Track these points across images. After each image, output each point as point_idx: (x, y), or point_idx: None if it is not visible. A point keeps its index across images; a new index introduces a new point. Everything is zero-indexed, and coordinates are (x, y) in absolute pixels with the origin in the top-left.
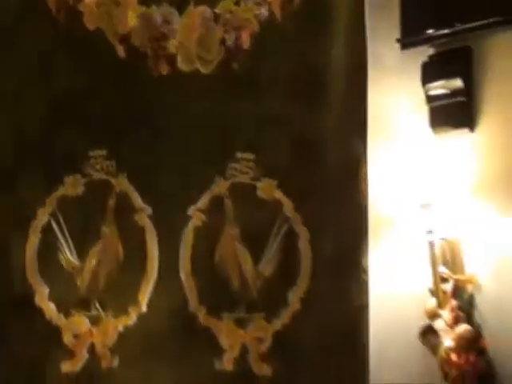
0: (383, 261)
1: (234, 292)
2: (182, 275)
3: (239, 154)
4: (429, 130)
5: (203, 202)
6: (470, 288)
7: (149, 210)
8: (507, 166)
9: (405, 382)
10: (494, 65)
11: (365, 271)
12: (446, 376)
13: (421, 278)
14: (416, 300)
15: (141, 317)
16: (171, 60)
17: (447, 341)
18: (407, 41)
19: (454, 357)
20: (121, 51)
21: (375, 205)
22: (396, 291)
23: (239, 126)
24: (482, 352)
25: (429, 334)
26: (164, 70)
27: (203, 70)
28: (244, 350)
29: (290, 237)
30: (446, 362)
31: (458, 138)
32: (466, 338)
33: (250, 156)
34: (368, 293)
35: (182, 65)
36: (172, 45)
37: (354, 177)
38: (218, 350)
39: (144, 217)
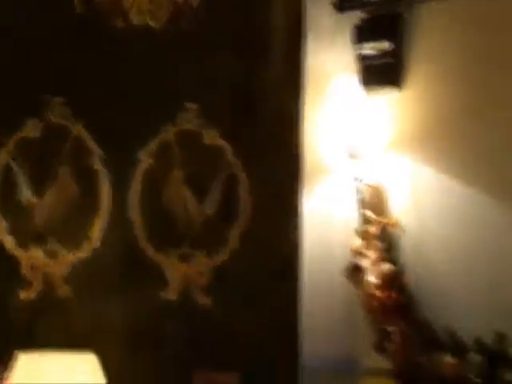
0: (316, 204)
1: (179, 230)
2: (132, 214)
3: (187, 104)
4: (360, 87)
5: (152, 146)
6: (393, 229)
7: (102, 153)
8: (430, 120)
9: (334, 318)
10: (422, 30)
11: (298, 214)
12: (368, 309)
13: (349, 220)
14: (344, 240)
15: (93, 251)
16: (125, 14)
17: (371, 277)
18: (342, 5)
19: (377, 292)
20: (79, 6)
21: (311, 154)
22: (326, 232)
23: (187, 79)
24: (403, 289)
25: (354, 271)
26: (118, 23)
27: (153, 25)
28: (187, 283)
29: (231, 181)
30: (369, 297)
31: (386, 94)
32: (388, 276)
33: (197, 106)
34: (301, 233)
35: (135, 19)
36: (126, 0)
37: (290, 127)
38: (163, 282)
39: (97, 160)
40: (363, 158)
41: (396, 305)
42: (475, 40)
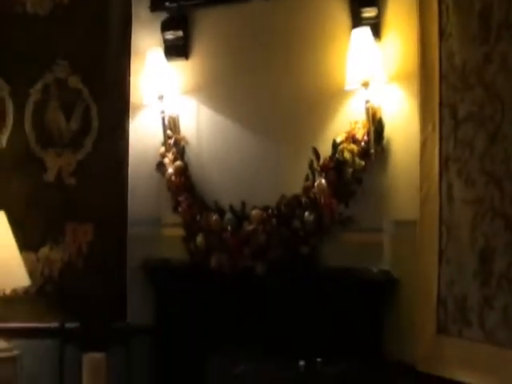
0: (138, 126)
1: (55, 138)
2: (27, 128)
3: (59, 61)
4: (164, 57)
5: (39, 86)
6: (182, 142)
7: (8, 88)
8: (208, 77)
9: (149, 194)
10: (201, 24)
11: (127, 130)
12: (169, 188)
13: (158, 137)
14: (155, 149)
15: (2, 149)
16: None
17: (170, 170)
18: (153, 8)
19: (173, 178)
20: None
21: (135, 95)
22: (145, 143)
23: (60, 42)
24: (188, 176)
25: (161, 166)
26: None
27: (40, 11)
28: (60, 170)
29: (87, 109)
30: (169, 181)
31: (179, 62)
32: (179, 168)
33: (66, 62)
34: (128, 142)
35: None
36: None
37: (123, 79)
38: (44, 169)
39: (5, 92)
40: (166, 98)
41: (184, 185)
42: (237, 32)
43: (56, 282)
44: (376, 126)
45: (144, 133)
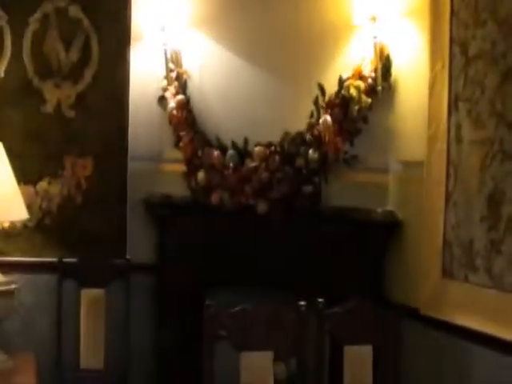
0: (139, 58)
1: (54, 69)
2: (25, 57)
3: None
4: None
5: (37, 15)
6: (185, 76)
7: (6, 16)
8: (213, 9)
9: (150, 129)
10: None
11: (128, 62)
12: (171, 123)
13: (159, 70)
14: (157, 82)
15: (0, 79)
16: None
17: (172, 104)
18: None
19: (175, 112)
20: None
21: (135, 26)
22: (146, 77)
23: None
24: (190, 111)
25: (162, 100)
26: None
27: None
28: (59, 102)
29: (87, 40)
30: (171, 116)
31: None
32: (181, 102)
33: None
34: (129, 74)
35: None
36: None
37: (124, 9)
38: (43, 101)
39: (3, 21)
40: (168, 31)
41: (185, 120)
42: None
43: (55, 216)
44: (384, 62)
45: (145, 65)
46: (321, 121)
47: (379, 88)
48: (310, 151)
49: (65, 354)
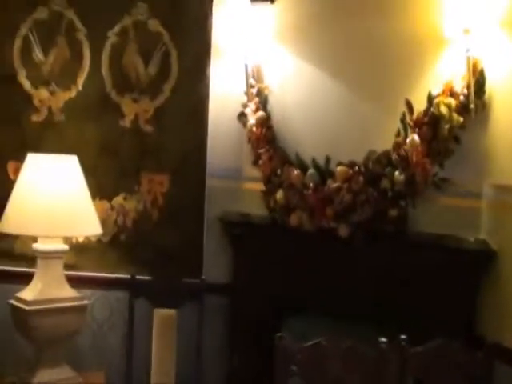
0: (219, 73)
1: (132, 83)
2: (103, 71)
3: (138, 3)
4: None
5: (117, 28)
6: (266, 91)
7: (85, 30)
8: (295, 24)
9: (229, 145)
10: None
11: (207, 77)
12: (250, 140)
13: (239, 85)
14: (237, 98)
15: (78, 93)
16: None
17: (252, 120)
18: None
19: (254, 129)
20: None
21: (215, 39)
22: (225, 91)
23: None
24: (270, 127)
25: (242, 116)
26: None
27: None
28: (137, 116)
29: (167, 54)
30: (250, 132)
31: (262, 7)
32: (261, 119)
33: (145, 4)
34: (209, 89)
35: None
36: None
37: (204, 21)
38: (121, 115)
39: (82, 34)
40: (251, 44)
41: (265, 137)
42: None
43: (130, 232)
44: (477, 78)
45: (226, 81)
46: (408, 140)
47: (472, 106)
48: (396, 172)
49: (135, 372)
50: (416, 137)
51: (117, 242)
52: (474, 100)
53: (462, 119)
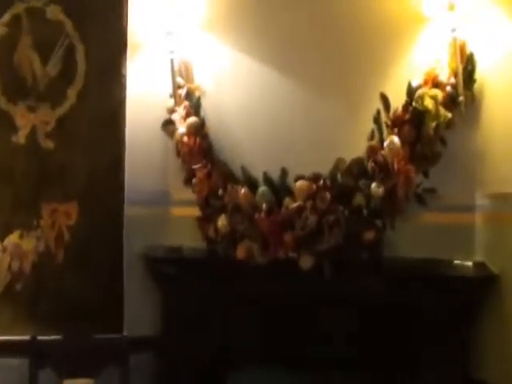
0: (138, 71)
1: (27, 86)
2: None
3: None
4: None
5: (6, 17)
6: (197, 92)
7: None
8: (233, 7)
9: (153, 162)
10: None
11: (124, 77)
12: (179, 153)
13: (164, 86)
14: (161, 102)
15: None
16: None
17: (181, 128)
18: None
19: (185, 139)
20: None
21: (133, 30)
22: (146, 94)
23: None
24: (204, 136)
25: (168, 124)
26: None
27: None
28: (34, 129)
29: (71, 48)
30: (180, 143)
31: None
32: (193, 126)
33: None
34: (125, 92)
35: None
36: None
37: (118, 7)
38: (14, 128)
39: None
40: (176, 36)
41: (199, 149)
42: None
43: (28, 280)
44: (465, 63)
45: (146, 81)
46: (386, 143)
47: (461, 98)
48: (373, 185)
49: None
50: (396, 138)
51: (11, 294)
52: (464, 91)
53: (450, 115)
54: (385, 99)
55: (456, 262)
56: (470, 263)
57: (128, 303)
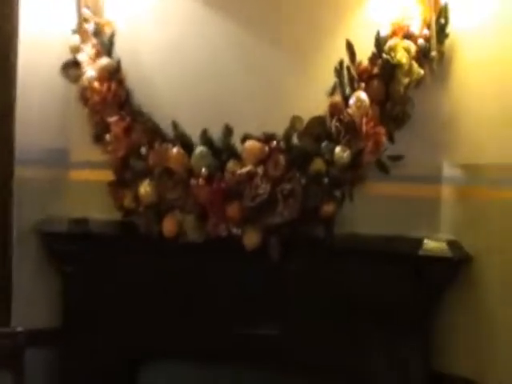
0: (34, 2)
1: None
2: None
3: None
4: None
5: None
6: (108, 29)
7: None
8: None
9: (51, 113)
10: None
11: (14, 9)
12: (87, 103)
13: (66, 19)
14: (62, 38)
15: None
16: None
17: (90, 71)
18: None
19: (96, 85)
20: None
21: None
22: (43, 30)
23: None
24: (120, 82)
25: (71, 66)
26: None
27: None
28: None
29: None
30: (88, 90)
31: None
32: (106, 69)
33: None
34: (17, 28)
35: None
36: None
37: None
38: None
39: None
40: None
41: (115, 97)
42: None
43: None
44: (437, 14)
45: (43, 13)
46: (352, 100)
47: (433, 53)
48: (338, 148)
49: None
50: (363, 95)
51: None
52: (436, 46)
53: (422, 72)
54: (351, 48)
55: (421, 239)
56: (443, 242)
57: (18, 289)
